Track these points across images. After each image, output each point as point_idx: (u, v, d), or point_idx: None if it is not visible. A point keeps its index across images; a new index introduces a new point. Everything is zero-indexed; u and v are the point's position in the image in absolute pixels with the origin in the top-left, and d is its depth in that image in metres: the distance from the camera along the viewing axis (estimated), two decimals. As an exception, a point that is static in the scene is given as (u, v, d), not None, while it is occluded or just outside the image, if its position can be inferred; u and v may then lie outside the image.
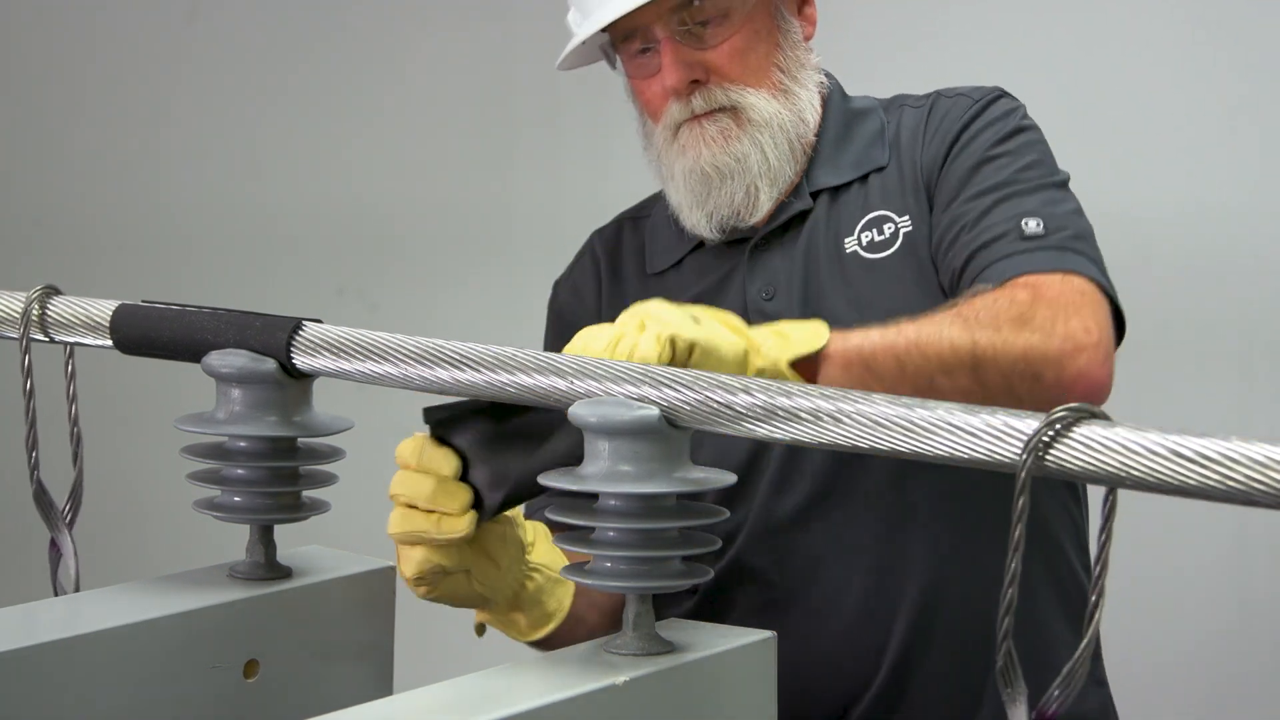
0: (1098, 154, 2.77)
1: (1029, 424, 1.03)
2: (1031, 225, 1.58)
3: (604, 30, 1.71)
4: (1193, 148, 2.78)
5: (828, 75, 1.80)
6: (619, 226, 1.87)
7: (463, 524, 1.29)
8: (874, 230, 1.70)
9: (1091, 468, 1.00)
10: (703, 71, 1.69)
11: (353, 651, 1.40)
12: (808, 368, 1.41)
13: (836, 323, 1.66)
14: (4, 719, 1.18)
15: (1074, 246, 1.58)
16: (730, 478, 1.21)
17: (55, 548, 1.42)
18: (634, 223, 1.86)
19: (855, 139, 1.75)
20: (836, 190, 1.74)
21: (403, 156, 3.47)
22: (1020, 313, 1.47)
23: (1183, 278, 2.77)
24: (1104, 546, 0.99)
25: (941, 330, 1.45)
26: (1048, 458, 1.02)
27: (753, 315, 1.72)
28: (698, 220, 1.73)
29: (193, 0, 3.60)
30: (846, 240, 1.70)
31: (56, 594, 1.42)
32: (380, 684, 1.42)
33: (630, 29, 1.70)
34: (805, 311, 1.69)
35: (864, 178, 1.73)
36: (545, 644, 1.49)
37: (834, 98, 1.79)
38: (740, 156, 1.70)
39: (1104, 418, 1.01)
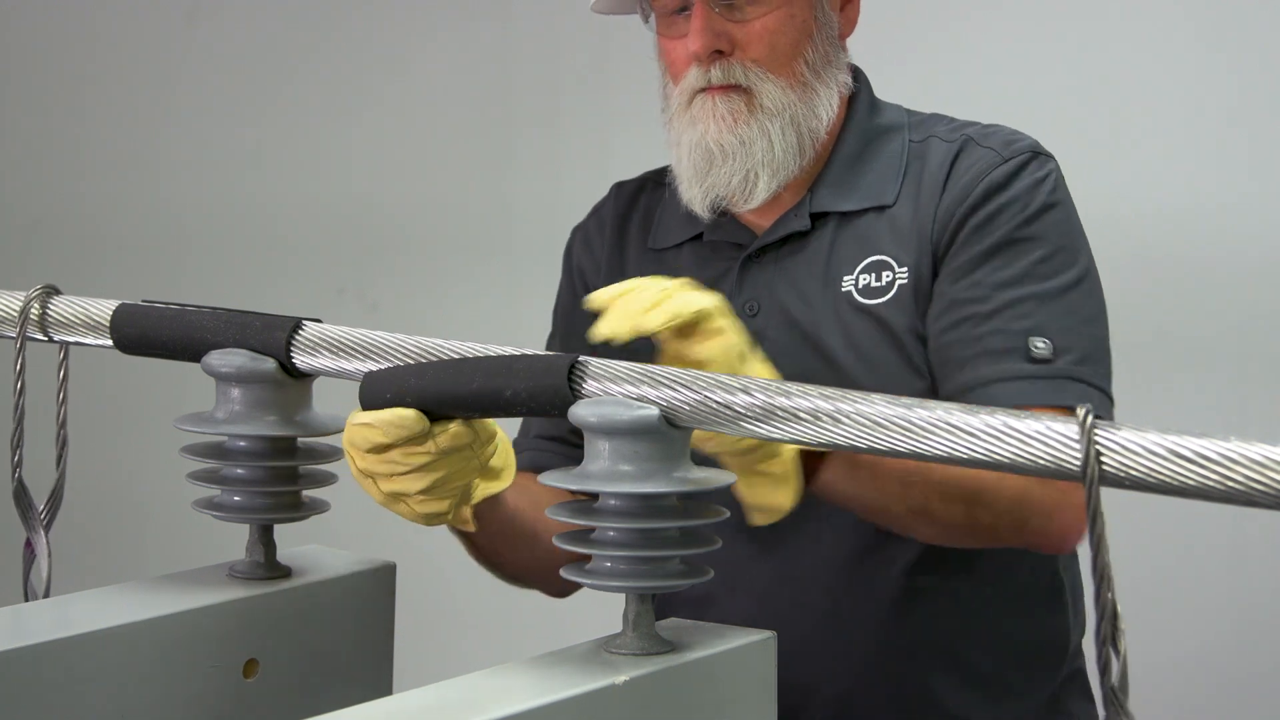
0: (1096, 156, 2.77)
1: (1028, 424, 1.03)
2: (1039, 347, 1.56)
3: None
4: (1191, 150, 2.78)
5: (858, 75, 1.76)
6: (640, 185, 1.85)
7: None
8: (872, 275, 1.66)
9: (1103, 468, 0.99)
10: (728, 44, 1.66)
11: (353, 651, 1.40)
12: (813, 458, 1.41)
13: (834, 361, 1.65)
14: None
15: (1077, 374, 1.56)
16: (730, 477, 1.21)
17: (30, 548, 1.42)
18: (655, 185, 1.83)
19: (871, 161, 1.71)
20: (844, 217, 1.70)
21: (403, 156, 3.47)
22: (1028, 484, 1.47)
23: (1180, 280, 2.77)
24: (1098, 552, 0.99)
25: None
26: (1046, 460, 1.02)
27: None
28: (694, 196, 1.71)
29: (193, 1, 3.60)
30: (845, 278, 1.67)
31: (27, 595, 1.42)
32: (380, 684, 1.42)
33: None
34: (792, 337, 1.67)
35: (877, 209, 1.68)
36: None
37: (859, 106, 1.75)
38: (746, 140, 1.67)
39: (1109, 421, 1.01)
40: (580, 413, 1.17)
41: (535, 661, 1.17)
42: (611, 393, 1.17)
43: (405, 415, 1.26)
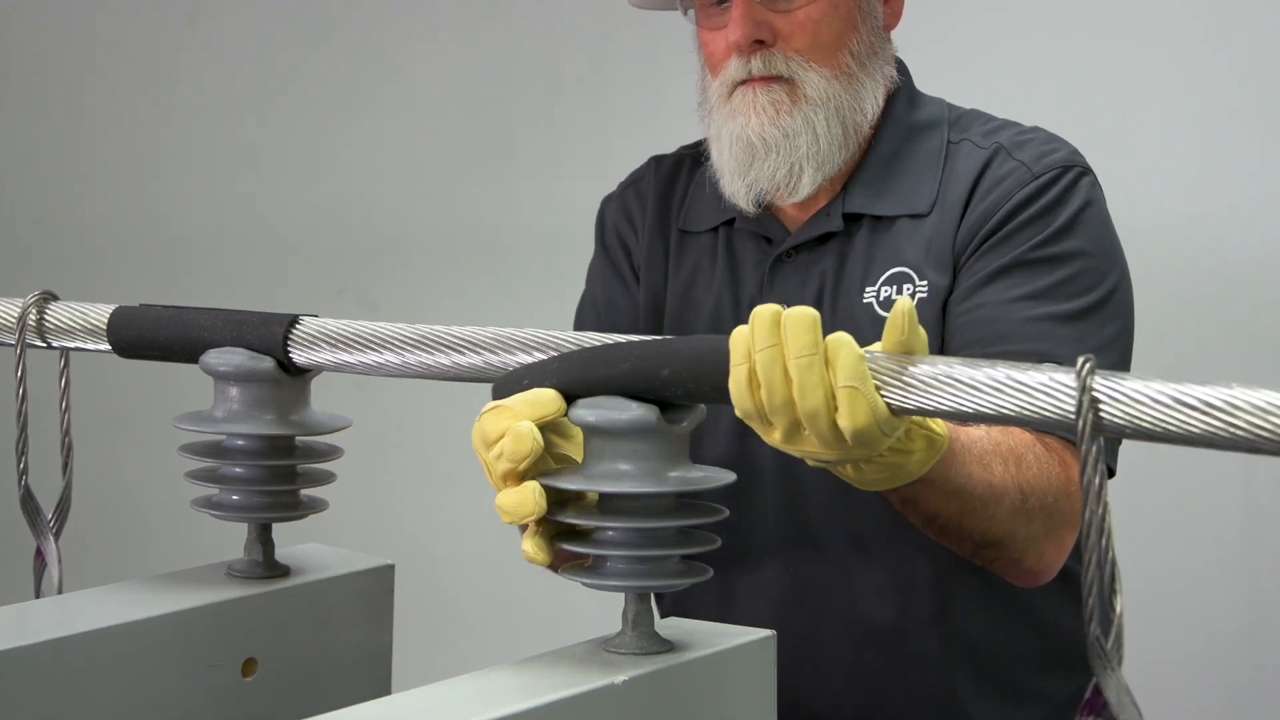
0: (1100, 162, 2.76)
1: (1031, 376, 1.03)
2: None
3: None
4: (1195, 155, 2.77)
5: (902, 68, 1.74)
6: (679, 161, 1.82)
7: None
8: (893, 287, 1.63)
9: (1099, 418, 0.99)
10: (770, 34, 1.64)
11: (351, 650, 1.40)
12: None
13: None
14: (1, 719, 1.18)
15: None
16: (729, 476, 1.20)
17: (40, 557, 1.41)
18: (693, 162, 1.80)
19: (907, 161, 1.68)
20: (877, 221, 1.67)
21: (403, 158, 3.47)
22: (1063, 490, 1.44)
23: (1184, 287, 2.76)
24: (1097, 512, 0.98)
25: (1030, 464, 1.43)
26: (1052, 411, 1.02)
27: None
28: (737, 189, 1.68)
29: (193, 1, 3.60)
30: (867, 289, 1.64)
31: (39, 602, 1.41)
32: (379, 683, 1.41)
33: None
34: None
35: (910, 216, 1.65)
36: None
37: (899, 102, 1.71)
38: (790, 132, 1.64)
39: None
40: (579, 413, 1.17)
41: (534, 661, 1.16)
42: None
43: (542, 394, 1.17)
